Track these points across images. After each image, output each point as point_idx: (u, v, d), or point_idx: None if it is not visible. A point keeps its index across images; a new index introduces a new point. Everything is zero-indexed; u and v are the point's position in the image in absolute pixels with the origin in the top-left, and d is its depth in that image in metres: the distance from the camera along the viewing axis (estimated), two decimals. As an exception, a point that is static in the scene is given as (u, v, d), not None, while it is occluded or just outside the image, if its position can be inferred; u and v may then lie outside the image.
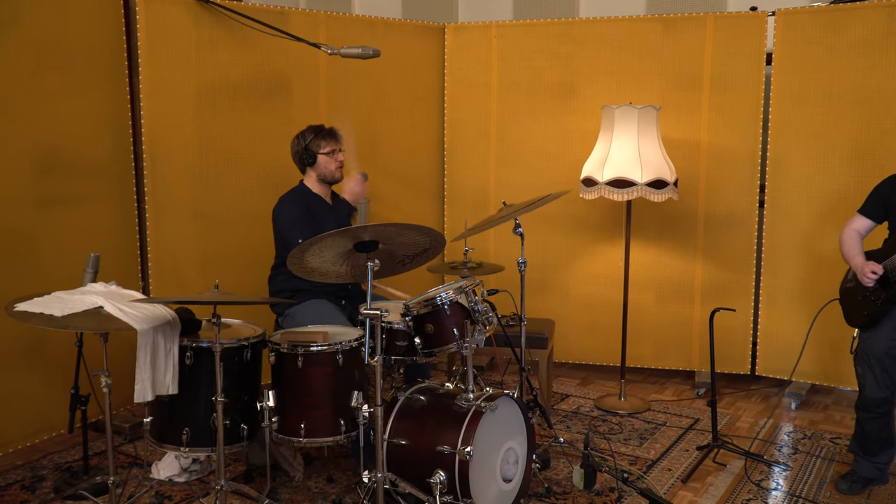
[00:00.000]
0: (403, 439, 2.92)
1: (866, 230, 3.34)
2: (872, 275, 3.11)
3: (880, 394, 3.15)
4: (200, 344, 2.93)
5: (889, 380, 3.13)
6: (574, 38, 4.60)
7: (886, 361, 3.12)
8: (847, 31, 4.10)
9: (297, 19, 4.27)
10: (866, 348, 3.18)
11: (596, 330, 4.74)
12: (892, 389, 3.15)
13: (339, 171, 3.64)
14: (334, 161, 3.61)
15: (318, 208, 3.60)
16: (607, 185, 3.99)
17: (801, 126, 4.27)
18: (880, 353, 3.13)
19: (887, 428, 3.25)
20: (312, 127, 3.64)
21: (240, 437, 3.02)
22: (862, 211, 3.35)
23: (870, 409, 3.20)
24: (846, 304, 3.34)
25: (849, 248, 3.30)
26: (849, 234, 3.33)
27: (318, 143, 3.59)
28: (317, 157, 3.59)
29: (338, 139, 3.64)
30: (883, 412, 3.20)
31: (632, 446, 3.77)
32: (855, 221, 3.35)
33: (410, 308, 3.08)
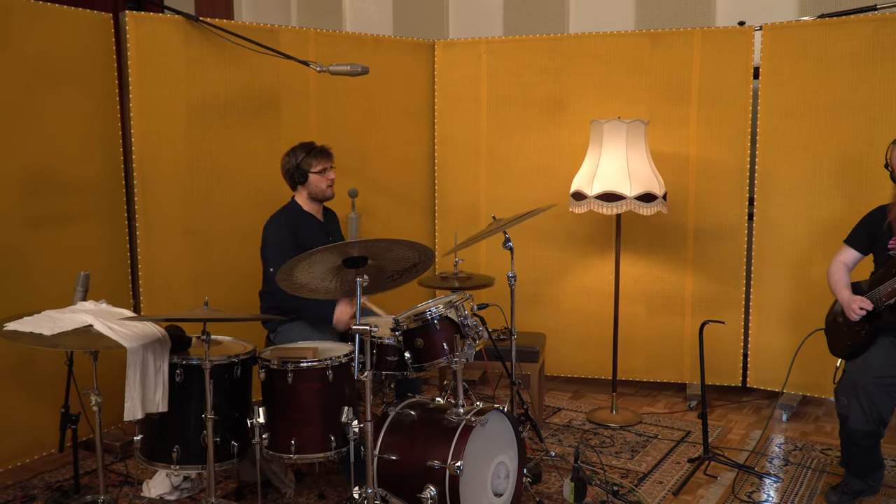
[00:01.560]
0: (394, 455, 2.92)
1: (853, 262, 3.33)
2: (860, 311, 3.09)
3: (866, 427, 3.06)
4: (190, 361, 2.93)
5: (876, 413, 3.04)
6: (563, 54, 4.63)
7: (874, 392, 3.04)
8: (834, 46, 4.14)
9: (287, 37, 4.30)
10: (853, 378, 3.11)
11: (587, 343, 4.76)
12: (878, 424, 3.06)
13: (329, 189, 3.65)
14: (325, 180, 3.62)
15: (309, 226, 3.61)
16: (597, 199, 4.01)
17: (788, 139, 4.30)
18: (868, 383, 3.05)
19: (874, 456, 3.23)
20: (304, 144, 3.65)
21: (230, 454, 3.01)
22: (848, 242, 3.35)
23: (856, 442, 3.14)
24: (830, 334, 3.33)
25: (835, 281, 3.28)
26: (836, 268, 3.31)
27: (310, 161, 3.60)
28: (308, 176, 3.60)
29: (329, 157, 3.65)
30: (868, 445, 3.15)
31: (623, 459, 3.77)
32: (842, 254, 3.34)
33: (400, 323, 3.09)
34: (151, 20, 3.89)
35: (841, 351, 3.26)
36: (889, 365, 3.07)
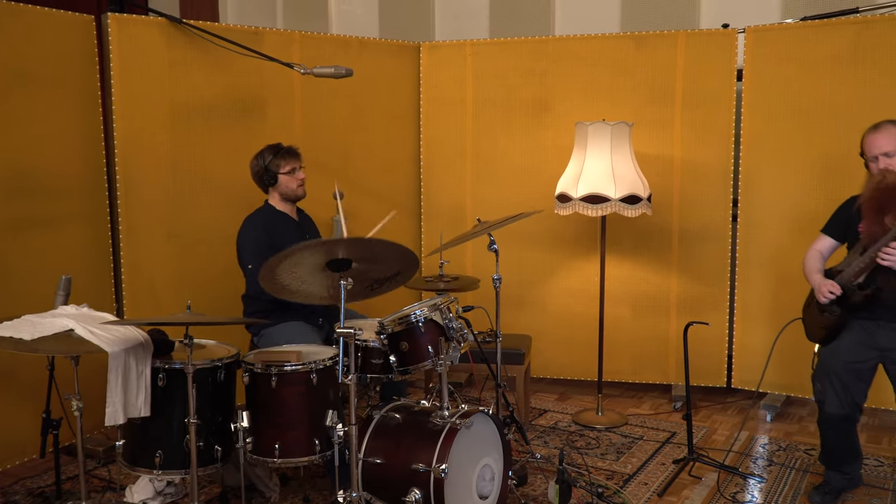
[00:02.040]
0: (379, 458, 2.92)
1: (829, 250, 3.38)
2: (830, 294, 3.15)
3: (840, 411, 3.14)
4: (173, 365, 2.91)
5: (849, 398, 3.12)
6: (548, 56, 4.64)
7: (846, 377, 3.11)
8: (816, 48, 4.17)
9: (272, 39, 4.29)
10: (826, 364, 3.19)
11: (573, 345, 4.76)
12: (853, 408, 3.14)
13: (301, 189, 3.64)
14: (295, 179, 3.62)
15: (284, 227, 3.60)
16: (581, 201, 4.02)
17: (772, 141, 4.33)
18: (839, 368, 3.13)
19: (851, 442, 3.27)
20: (270, 146, 3.64)
21: (214, 458, 2.99)
22: (825, 230, 3.40)
23: (832, 426, 3.21)
24: (807, 320, 3.38)
25: (808, 266, 3.35)
26: (810, 255, 3.38)
27: (278, 162, 3.59)
28: (277, 177, 3.60)
29: (297, 157, 3.64)
30: (845, 429, 3.20)
31: (609, 461, 3.78)
32: (818, 242, 3.39)
33: (385, 326, 3.09)
34: (134, 22, 3.86)
35: (816, 336, 3.31)
36: (858, 349, 3.13)
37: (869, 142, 3.16)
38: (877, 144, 3.11)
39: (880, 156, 3.10)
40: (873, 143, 3.13)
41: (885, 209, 3.05)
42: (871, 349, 3.12)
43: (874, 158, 3.13)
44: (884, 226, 3.05)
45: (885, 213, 3.05)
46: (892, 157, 3.08)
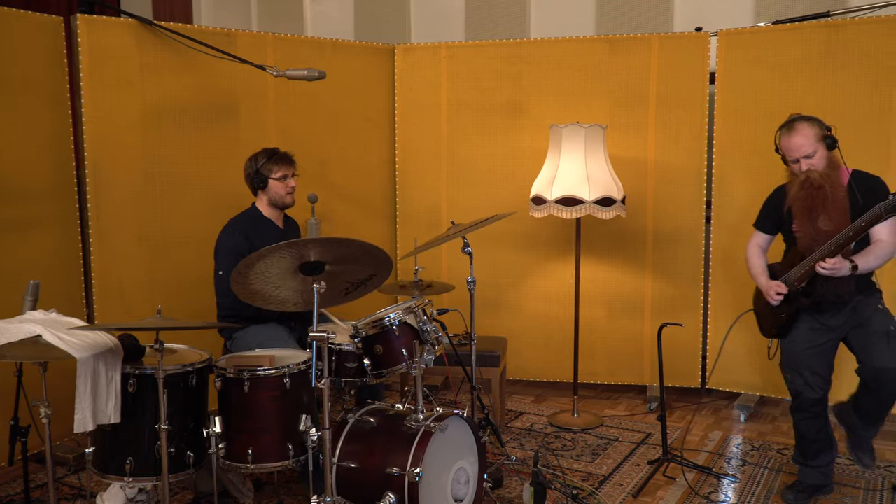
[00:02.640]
0: (353, 462, 2.90)
1: (766, 243, 3.46)
2: (778, 296, 3.22)
3: (814, 394, 3.23)
4: (144, 371, 2.87)
5: (820, 379, 3.22)
6: (522, 59, 4.65)
7: (811, 361, 3.21)
8: (787, 51, 4.21)
9: (245, 41, 4.26)
10: (789, 354, 3.29)
11: (549, 347, 4.77)
12: (824, 388, 3.23)
13: (289, 196, 3.62)
14: (285, 186, 3.59)
15: (268, 233, 3.57)
16: (556, 203, 4.03)
17: (744, 143, 4.36)
18: (803, 355, 3.23)
19: (824, 428, 3.31)
20: (266, 150, 3.62)
21: (186, 464, 2.96)
22: (756, 225, 3.47)
23: (805, 409, 3.28)
24: (760, 317, 3.46)
25: (753, 265, 3.42)
26: (752, 251, 3.45)
27: (270, 167, 3.57)
28: (268, 182, 3.57)
29: (291, 164, 3.62)
30: (818, 412, 3.28)
31: (584, 462, 3.79)
32: (754, 237, 3.46)
33: (359, 329, 3.07)
34: (104, 24, 3.82)
35: (769, 332, 3.40)
36: (812, 336, 3.23)
37: (786, 145, 3.18)
38: (795, 147, 3.14)
39: (801, 158, 3.13)
40: (790, 146, 3.16)
41: (814, 210, 3.13)
42: (825, 333, 3.22)
43: (795, 161, 3.16)
44: (817, 227, 3.13)
45: (816, 213, 3.12)
46: (812, 157, 3.11)
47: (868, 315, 3.15)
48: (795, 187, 3.18)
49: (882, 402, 3.16)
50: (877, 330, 3.09)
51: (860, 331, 3.16)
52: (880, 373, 3.05)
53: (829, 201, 3.10)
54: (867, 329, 3.13)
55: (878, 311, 3.16)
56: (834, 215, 3.10)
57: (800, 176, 3.15)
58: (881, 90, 4.00)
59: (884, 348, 3.06)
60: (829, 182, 3.11)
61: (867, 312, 3.15)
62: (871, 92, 4.02)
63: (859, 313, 3.17)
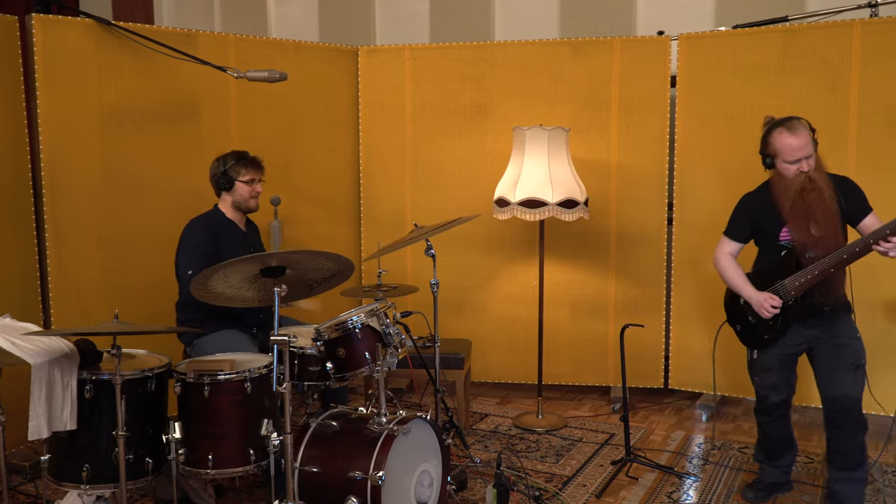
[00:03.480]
0: (315, 467, 2.87)
1: (737, 252, 3.37)
2: (773, 309, 3.14)
3: (779, 397, 3.26)
4: (101, 376, 2.83)
5: (785, 382, 3.26)
6: (486, 61, 4.66)
7: (779, 369, 3.24)
8: (746, 56, 4.27)
9: (206, 42, 4.21)
10: (761, 360, 3.28)
11: (514, 349, 4.78)
12: (788, 392, 3.28)
13: (254, 200, 3.59)
14: (251, 190, 3.56)
15: (231, 235, 3.54)
16: (520, 206, 4.04)
17: (705, 146, 4.42)
18: (775, 363, 3.24)
19: (787, 429, 3.36)
20: (236, 152, 3.60)
21: (145, 471, 2.91)
22: (728, 234, 3.36)
23: (769, 412, 3.31)
24: (741, 326, 3.35)
25: (732, 275, 3.30)
26: (727, 261, 3.33)
27: (239, 169, 3.54)
28: (234, 184, 3.54)
29: (259, 169, 3.59)
30: (782, 413, 3.32)
31: (548, 463, 3.80)
32: (726, 246, 3.35)
33: (321, 333, 3.05)
34: (60, 23, 3.76)
35: (758, 343, 3.30)
36: (789, 344, 3.22)
37: (787, 145, 3.06)
38: (798, 147, 3.04)
39: (804, 159, 3.06)
40: (793, 146, 3.05)
41: (808, 215, 3.06)
42: (800, 338, 3.20)
43: (795, 161, 3.07)
44: (810, 233, 3.06)
45: (810, 219, 3.06)
46: (810, 157, 3.07)
47: (845, 342, 3.10)
48: (793, 189, 3.08)
49: (851, 438, 3.08)
50: (850, 362, 3.06)
51: (833, 357, 3.10)
52: (842, 400, 3.03)
53: (825, 205, 3.05)
54: (839, 358, 3.08)
55: (855, 339, 3.11)
56: (826, 219, 3.04)
57: (797, 178, 3.06)
58: (838, 94, 4.07)
59: (849, 379, 3.04)
60: (824, 184, 3.07)
61: (843, 337, 3.11)
62: (827, 95, 4.09)
63: (835, 334, 3.13)
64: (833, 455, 3.17)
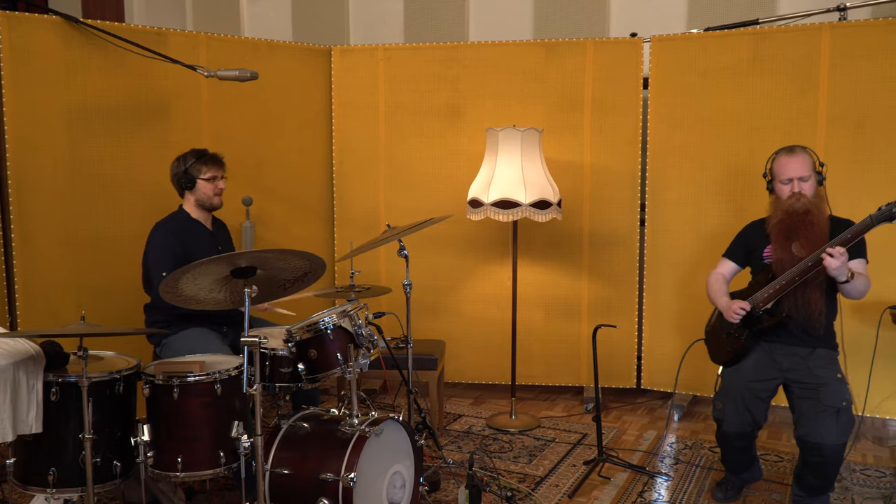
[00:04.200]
0: (286, 469, 2.86)
1: (731, 274, 3.42)
2: (740, 311, 3.17)
3: (738, 429, 3.18)
4: (67, 379, 2.78)
5: (749, 416, 3.15)
6: (459, 62, 4.66)
7: (748, 395, 3.15)
8: (717, 58, 4.31)
9: (176, 41, 4.17)
10: (728, 384, 3.23)
11: (488, 349, 4.78)
12: (752, 426, 3.19)
13: (217, 198, 3.54)
14: (214, 187, 3.52)
15: (198, 235, 3.50)
16: (493, 207, 4.04)
17: (677, 148, 4.45)
18: (742, 387, 3.16)
19: (748, 455, 3.36)
20: (195, 150, 3.55)
21: (113, 474, 2.87)
22: (727, 255, 3.44)
23: (729, 443, 3.27)
24: (711, 343, 3.42)
25: (714, 290, 3.36)
26: (714, 278, 3.40)
27: (199, 167, 3.50)
28: (196, 182, 3.50)
29: (220, 166, 3.55)
30: (741, 446, 3.27)
31: (521, 464, 3.80)
32: (721, 266, 3.43)
33: (293, 334, 3.03)
34: (27, 21, 3.70)
35: (722, 357, 3.33)
36: (761, 370, 3.19)
37: (783, 164, 3.17)
38: (792, 168, 3.13)
39: (796, 179, 3.13)
40: (788, 166, 3.14)
41: (792, 235, 3.11)
42: (774, 370, 3.17)
43: (787, 181, 3.14)
44: (790, 252, 3.11)
45: (793, 238, 3.11)
46: (806, 181, 3.13)
47: (824, 381, 3.05)
48: (781, 209, 3.15)
49: (826, 475, 3.08)
50: (830, 405, 2.99)
51: (811, 400, 3.05)
52: (824, 449, 2.97)
53: (812, 228, 3.08)
54: (819, 400, 3.01)
55: (836, 380, 3.06)
56: (811, 243, 3.07)
57: (788, 199, 3.13)
58: (807, 96, 4.12)
59: (832, 425, 2.96)
60: (816, 210, 3.11)
61: (823, 377, 3.06)
62: (797, 98, 4.14)
63: (815, 374, 3.08)
64: (805, 486, 3.17)
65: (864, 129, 4.03)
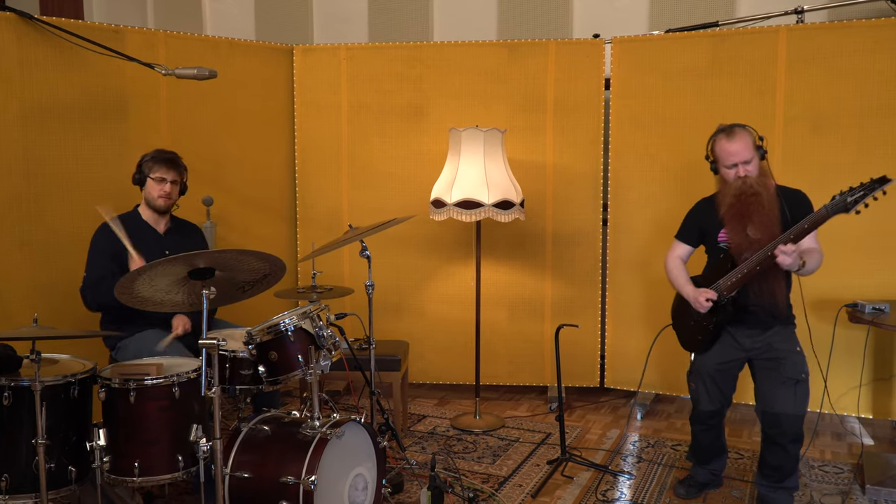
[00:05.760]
0: (246, 472, 2.82)
1: (687, 255, 3.45)
2: (707, 302, 3.18)
3: (711, 406, 3.30)
4: (20, 383, 2.73)
5: (719, 393, 3.28)
6: (422, 62, 4.65)
7: (717, 376, 3.26)
8: (677, 59, 4.35)
9: (134, 38, 4.10)
10: (699, 366, 3.31)
11: (452, 349, 4.78)
12: (723, 403, 3.31)
13: (161, 200, 3.46)
14: (159, 189, 3.44)
15: (143, 237, 3.42)
16: (456, 207, 4.04)
17: (638, 148, 4.48)
18: (711, 369, 3.26)
19: (719, 438, 3.43)
20: (158, 150, 3.51)
21: (68, 479, 2.83)
22: (679, 237, 3.46)
23: (703, 422, 3.36)
24: (680, 329, 3.43)
25: (676, 276, 3.38)
26: (674, 263, 3.42)
27: (151, 165, 3.44)
28: (146, 180, 3.45)
29: (171, 168, 3.46)
30: (714, 423, 3.37)
31: (485, 464, 3.80)
32: (675, 248, 3.45)
33: (253, 336, 3.00)
34: (-21, 16, 3.62)
35: (693, 345, 3.37)
36: (726, 352, 3.26)
37: (724, 150, 3.16)
38: (734, 152, 3.12)
39: (740, 164, 3.12)
40: (729, 150, 3.13)
41: (745, 218, 3.12)
42: (738, 350, 3.23)
43: (732, 166, 3.14)
44: (747, 236, 3.12)
45: (746, 222, 3.11)
46: (749, 163, 3.12)
47: (784, 356, 3.13)
48: (731, 193, 3.15)
49: (785, 452, 3.13)
50: (789, 377, 3.08)
51: (771, 371, 3.13)
52: (781, 418, 3.07)
53: (763, 210, 3.09)
54: (779, 372, 3.11)
55: (795, 353, 3.14)
56: (765, 224, 3.09)
57: (735, 182, 3.13)
58: (765, 98, 4.17)
59: (790, 396, 3.07)
60: (765, 190, 3.12)
61: (783, 351, 3.14)
62: (755, 99, 4.19)
63: (776, 348, 3.15)
64: (765, 468, 3.24)
65: (820, 130, 4.09)
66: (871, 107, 3.99)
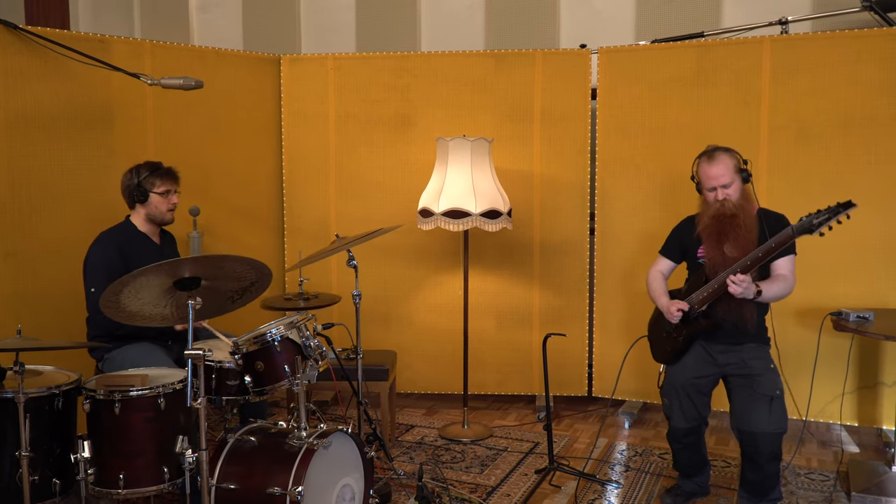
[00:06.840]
0: (232, 483, 2.80)
1: (669, 270, 3.50)
2: (678, 312, 3.24)
3: (685, 424, 3.29)
4: (4, 394, 2.71)
5: (693, 410, 3.27)
6: (410, 72, 4.66)
7: (691, 391, 3.26)
8: (662, 69, 4.38)
9: (120, 48, 4.10)
10: (672, 380, 3.32)
11: (441, 359, 4.77)
12: (698, 420, 3.29)
13: (170, 213, 3.48)
14: (167, 202, 3.46)
15: (142, 249, 3.42)
16: (443, 216, 4.04)
17: (625, 158, 4.50)
18: (685, 383, 3.26)
19: (698, 453, 3.42)
20: (150, 163, 3.49)
21: (52, 492, 2.80)
22: (663, 252, 3.52)
23: (678, 440, 3.35)
24: (653, 341, 3.49)
25: (654, 288, 3.45)
26: (654, 276, 3.48)
27: (154, 181, 3.43)
28: (149, 196, 3.43)
29: (175, 180, 3.49)
30: (690, 442, 3.35)
31: (473, 474, 3.79)
32: (658, 263, 3.51)
33: (240, 346, 2.98)
34: (-37, 26, 3.60)
35: (663, 357, 3.42)
36: (700, 366, 3.27)
37: (704, 173, 3.23)
38: (713, 175, 3.19)
39: (719, 188, 3.19)
40: (709, 174, 3.20)
41: (723, 237, 3.18)
42: (712, 366, 3.26)
43: (711, 189, 3.21)
44: (723, 253, 3.18)
45: (724, 240, 3.18)
46: (729, 187, 3.19)
47: (758, 372, 3.15)
48: (708, 214, 3.22)
49: (763, 471, 3.14)
50: (764, 393, 3.09)
51: (746, 389, 3.15)
52: (758, 437, 3.07)
53: (740, 230, 3.14)
54: (753, 389, 3.12)
55: (769, 370, 3.16)
56: (742, 244, 3.13)
57: (714, 204, 3.20)
58: (750, 108, 4.20)
59: (765, 413, 3.07)
60: (743, 212, 3.17)
61: (758, 368, 3.16)
62: (740, 109, 4.22)
63: (749, 365, 3.17)
64: (746, 484, 3.24)
65: (805, 139, 4.12)
66: (855, 117, 4.03)
